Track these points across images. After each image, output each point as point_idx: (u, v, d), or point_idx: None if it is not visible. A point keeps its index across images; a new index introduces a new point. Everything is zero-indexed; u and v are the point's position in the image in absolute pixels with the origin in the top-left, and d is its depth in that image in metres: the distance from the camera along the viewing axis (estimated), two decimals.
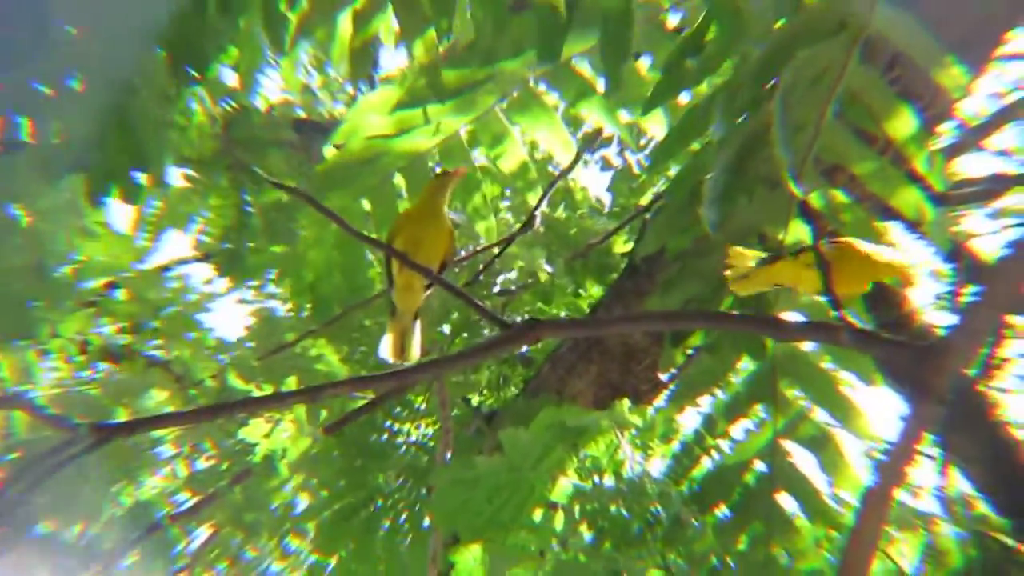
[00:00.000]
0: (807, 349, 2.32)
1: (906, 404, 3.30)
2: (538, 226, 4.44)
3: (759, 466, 2.39)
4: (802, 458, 2.37)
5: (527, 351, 4.42)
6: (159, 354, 4.48)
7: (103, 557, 3.92)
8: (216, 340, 4.57)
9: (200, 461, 4.17)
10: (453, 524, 2.46)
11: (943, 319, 3.71)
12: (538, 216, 4.34)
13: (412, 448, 3.71)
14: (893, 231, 2.01)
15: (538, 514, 2.44)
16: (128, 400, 4.20)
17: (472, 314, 4.32)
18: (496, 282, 4.74)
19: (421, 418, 3.79)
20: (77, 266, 3.90)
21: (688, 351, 2.44)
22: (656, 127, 2.82)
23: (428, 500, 3.38)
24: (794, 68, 1.56)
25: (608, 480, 2.55)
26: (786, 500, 2.37)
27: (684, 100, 2.59)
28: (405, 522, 3.42)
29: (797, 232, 2.09)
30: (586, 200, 5.32)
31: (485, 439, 3.64)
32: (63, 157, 2.24)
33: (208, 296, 4.58)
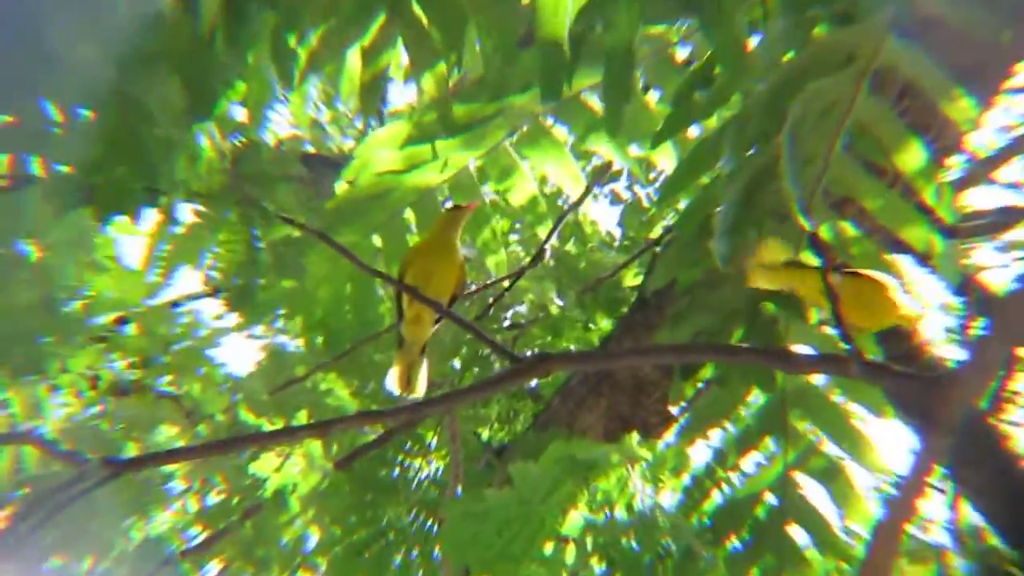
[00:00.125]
0: (817, 382, 2.32)
1: (916, 436, 3.29)
2: (548, 260, 4.45)
3: (770, 499, 2.39)
4: (813, 491, 2.37)
5: (537, 385, 4.42)
6: (169, 389, 4.48)
7: None
8: (226, 376, 4.57)
9: (211, 496, 4.15)
10: (464, 557, 2.44)
11: (953, 352, 3.69)
12: (548, 250, 4.33)
13: (423, 483, 3.69)
14: (903, 264, 2.01)
15: (549, 547, 2.43)
16: (138, 435, 4.20)
17: (482, 348, 4.32)
18: (506, 316, 4.75)
19: (432, 452, 3.79)
20: (87, 301, 3.90)
21: (698, 384, 2.44)
22: (666, 161, 2.83)
23: (439, 533, 3.37)
24: (803, 101, 1.56)
25: (619, 513, 2.54)
26: (797, 533, 2.37)
27: (693, 133, 2.61)
28: (417, 557, 3.40)
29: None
30: (596, 234, 5.31)
31: (495, 473, 3.62)
32: (72, 188, 2.25)
33: (219, 331, 4.59)
